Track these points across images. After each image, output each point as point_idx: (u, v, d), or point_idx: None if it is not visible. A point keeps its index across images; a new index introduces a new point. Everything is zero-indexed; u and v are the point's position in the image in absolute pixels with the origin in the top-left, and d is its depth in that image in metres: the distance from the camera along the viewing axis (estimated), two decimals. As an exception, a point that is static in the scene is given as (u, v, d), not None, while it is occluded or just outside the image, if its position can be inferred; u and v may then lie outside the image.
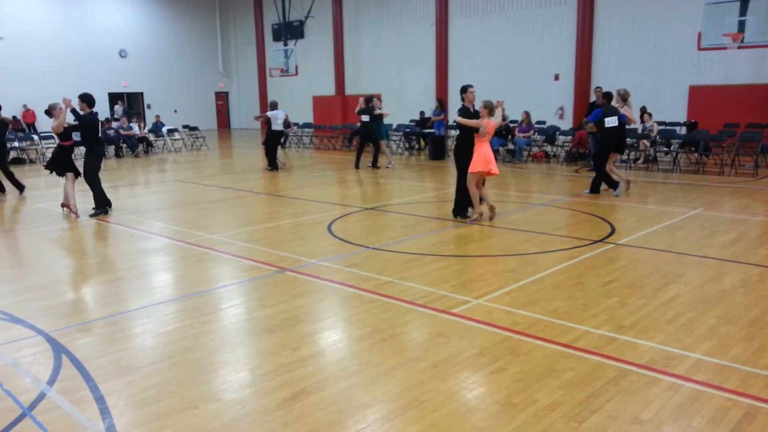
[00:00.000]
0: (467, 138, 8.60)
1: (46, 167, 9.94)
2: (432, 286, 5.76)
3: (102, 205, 9.79)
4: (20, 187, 12.24)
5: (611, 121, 10.35)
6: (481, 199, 8.73)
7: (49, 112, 9.53)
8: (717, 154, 14.02)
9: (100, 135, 9.84)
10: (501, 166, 15.19)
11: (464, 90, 8.86)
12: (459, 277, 6.09)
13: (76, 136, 9.76)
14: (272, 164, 15.42)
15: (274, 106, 15.57)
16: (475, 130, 8.45)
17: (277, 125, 15.27)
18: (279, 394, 3.74)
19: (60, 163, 9.73)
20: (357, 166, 15.42)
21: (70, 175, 9.68)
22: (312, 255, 7.03)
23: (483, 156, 8.40)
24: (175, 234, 8.39)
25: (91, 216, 9.60)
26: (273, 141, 15.42)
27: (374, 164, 15.40)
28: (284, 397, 3.71)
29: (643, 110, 15.52)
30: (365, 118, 15.33)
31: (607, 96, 10.76)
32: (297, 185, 12.94)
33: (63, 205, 9.88)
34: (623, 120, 10.62)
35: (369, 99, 15.60)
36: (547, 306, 5.16)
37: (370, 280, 6.02)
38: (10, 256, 7.58)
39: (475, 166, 8.39)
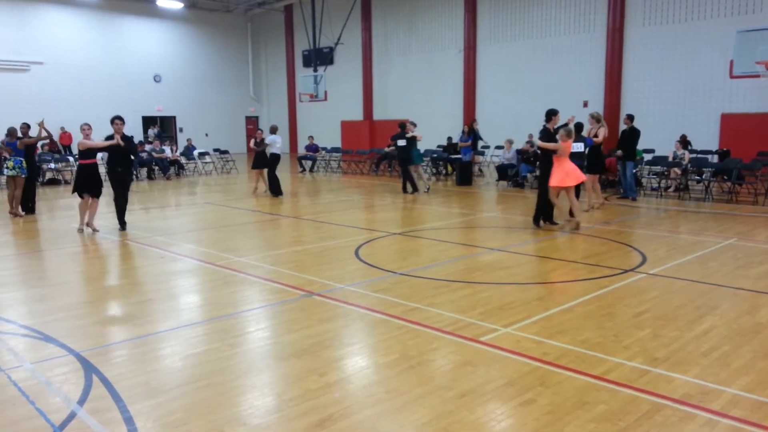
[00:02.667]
0: (547, 157, 9.99)
1: (76, 191, 10.14)
2: (460, 314, 5.71)
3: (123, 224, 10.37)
4: (30, 211, 12.50)
5: (576, 147, 11.13)
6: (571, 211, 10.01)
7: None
8: (750, 183, 13.76)
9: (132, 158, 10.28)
10: (528, 192, 15.14)
11: (555, 113, 10.13)
12: (487, 304, 6.04)
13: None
14: (275, 189, 15.60)
15: (273, 130, 15.68)
16: (554, 151, 9.84)
17: (276, 149, 15.42)
18: (305, 420, 3.73)
19: (85, 184, 9.95)
20: (416, 189, 15.40)
21: (94, 198, 10.06)
22: (339, 279, 7.04)
23: (564, 171, 9.81)
24: (204, 256, 8.49)
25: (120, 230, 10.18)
26: (272, 165, 15.51)
27: (404, 189, 15.48)
28: (310, 423, 3.69)
29: (683, 139, 15.49)
30: (401, 142, 15.47)
31: (578, 127, 11.81)
32: (324, 209, 13.02)
33: (87, 224, 10.21)
34: (589, 143, 11.74)
35: (402, 125, 15.77)
36: (577, 336, 5.08)
37: (398, 305, 6.00)
38: (43, 276, 7.74)
39: (552, 180, 9.83)
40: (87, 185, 9.99)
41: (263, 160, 15.37)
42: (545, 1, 22.10)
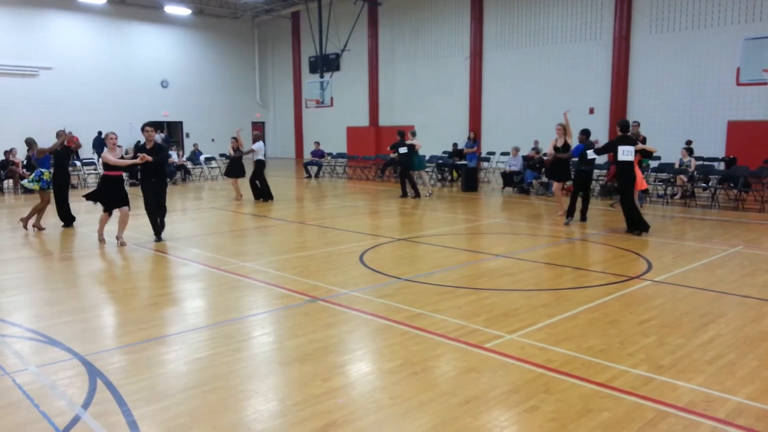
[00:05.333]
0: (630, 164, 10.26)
1: (99, 203, 9.56)
2: (464, 320, 5.70)
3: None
4: (70, 221, 11.54)
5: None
6: None
7: (104, 139, 9.49)
8: (757, 190, 13.72)
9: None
10: (534, 199, 15.13)
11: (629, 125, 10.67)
12: (491, 311, 6.03)
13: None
14: (262, 195, 15.64)
15: (257, 138, 15.78)
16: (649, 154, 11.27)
17: (260, 156, 15.55)
18: (309, 425, 3.73)
19: (109, 196, 9.40)
20: (418, 194, 15.61)
21: (125, 209, 9.48)
22: (343, 285, 7.04)
23: (640, 175, 10.56)
24: (209, 261, 8.51)
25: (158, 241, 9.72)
26: (258, 172, 15.61)
27: (404, 194, 15.70)
28: (314, 428, 3.68)
29: (689, 144, 15.45)
30: (403, 149, 15.63)
31: (585, 133, 12.25)
32: (329, 215, 13.04)
33: (116, 237, 9.61)
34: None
35: (401, 132, 15.99)
36: (582, 343, 5.06)
37: (402, 311, 6.00)
38: (50, 279, 7.77)
39: (642, 184, 10.66)
40: (112, 198, 9.42)
41: (238, 169, 15.37)
42: (551, 8, 22.12)
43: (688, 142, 15.58)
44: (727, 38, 17.70)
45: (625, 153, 10.05)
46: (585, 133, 12.10)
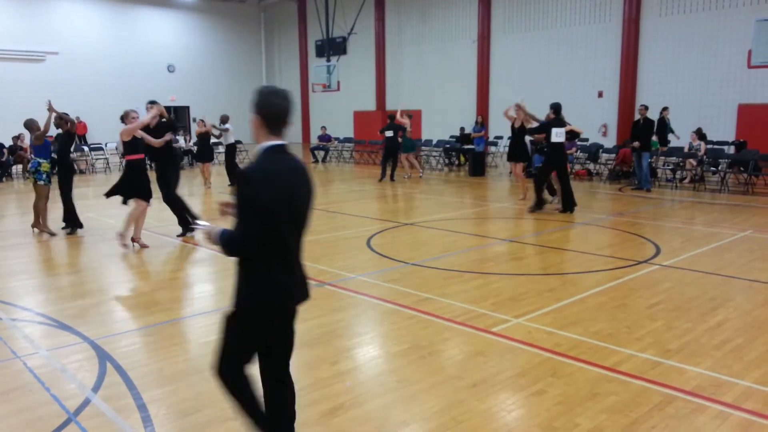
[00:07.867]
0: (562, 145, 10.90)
1: (132, 195, 8.26)
2: (471, 304, 5.71)
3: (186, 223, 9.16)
4: (76, 225, 9.64)
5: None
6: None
7: (123, 118, 8.32)
8: (767, 174, 13.60)
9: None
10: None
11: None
12: (499, 295, 6.03)
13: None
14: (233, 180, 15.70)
15: (225, 120, 15.52)
16: (576, 135, 11.78)
17: (229, 140, 15.41)
18: (317, 408, 3.75)
19: (128, 185, 8.26)
20: (384, 176, 16.09)
21: (140, 201, 8.22)
22: (351, 269, 7.06)
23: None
24: (217, 246, 8.50)
25: (180, 236, 9.07)
26: (231, 155, 15.58)
27: (392, 177, 16.05)
28: (322, 411, 3.71)
29: (699, 132, 15.20)
30: (389, 133, 15.89)
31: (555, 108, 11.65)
32: (336, 199, 13.04)
33: (134, 239, 8.38)
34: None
35: (391, 116, 16.33)
36: (589, 327, 5.06)
37: (409, 296, 6.01)
38: (60, 264, 7.82)
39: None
40: (141, 187, 8.25)
41: (209, 153, 15.37)
42: (560, -10, 21.87)
43: (700, 133, 15.35)
44: (738, 20, 17.44)
45: (558, 135, 10.77)
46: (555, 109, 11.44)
